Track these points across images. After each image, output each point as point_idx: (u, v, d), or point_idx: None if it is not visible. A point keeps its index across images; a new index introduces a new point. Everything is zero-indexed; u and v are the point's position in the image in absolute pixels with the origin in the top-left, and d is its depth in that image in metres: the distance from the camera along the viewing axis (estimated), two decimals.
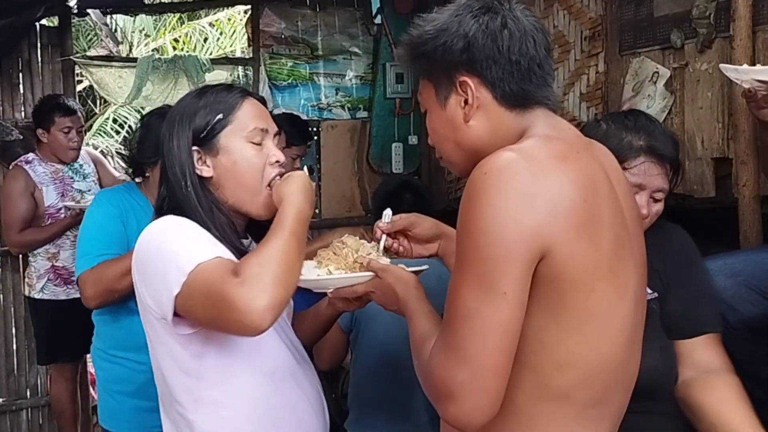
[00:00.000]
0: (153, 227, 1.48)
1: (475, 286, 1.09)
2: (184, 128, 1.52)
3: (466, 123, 1.25)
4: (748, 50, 2.25)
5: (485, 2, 1.25)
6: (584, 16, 3.14)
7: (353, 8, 4.68)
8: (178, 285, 1.34)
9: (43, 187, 3.67)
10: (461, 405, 1.10)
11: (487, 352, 1.09)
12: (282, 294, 1.30)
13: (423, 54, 1.28)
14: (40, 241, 3.67)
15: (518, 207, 1.08)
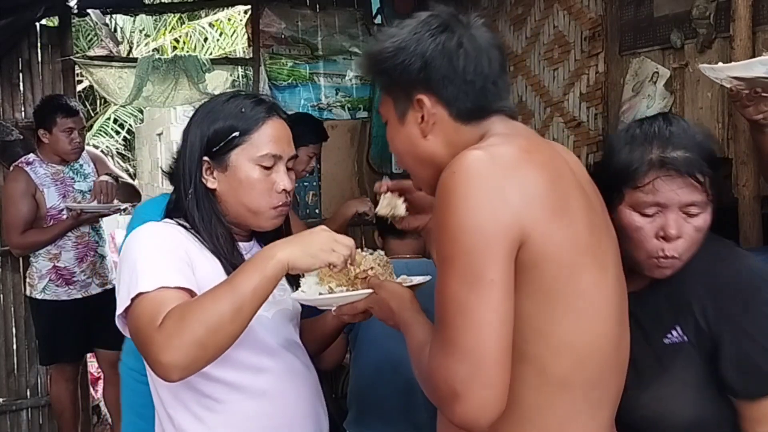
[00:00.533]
0: (139, 232, 1.47)
1: (462, 279, 1.10)
2: (200, 133, 1.51)
3: (423, 138, 1.30)
4: (748, 50, 2.25)
5: (443, 20, 1.29)
6: (584, 16, 3.14)
7: (353, 8, 4.69)
8: (121, 307, 1.38)
9: (45, 189, 3.67)
10: (467, 402, 1.09)
11: (484, 341, 1.09)
12: (200, 355, 1.27)
13: (382, 70, 1.32)
14: (42, 243, 3.67)
15: (491, 198, 1.11)
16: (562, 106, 3.32)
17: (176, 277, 1.37)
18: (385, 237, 2.57)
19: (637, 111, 2.78)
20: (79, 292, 3.72)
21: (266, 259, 1.32)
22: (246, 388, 1.49)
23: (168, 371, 1.27)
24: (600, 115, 3.06)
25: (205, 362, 1.30)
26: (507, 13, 3.76)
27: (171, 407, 1.50)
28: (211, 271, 1.47)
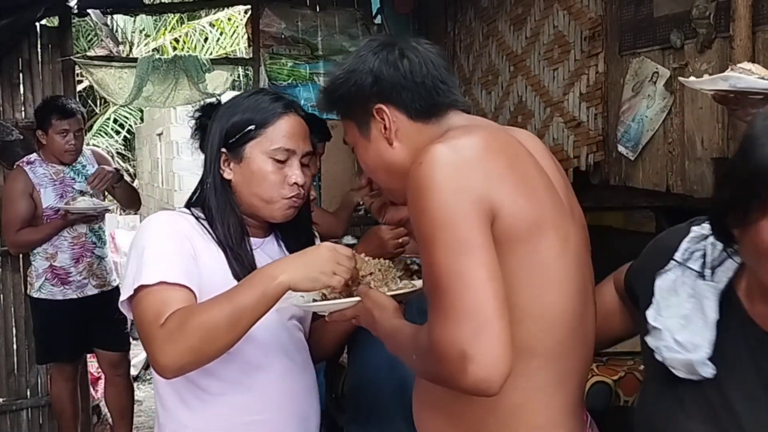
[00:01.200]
0: (152, 219, 1.56)
1: (449, 250, 1.14)
2: (220, 126, 1.58)
3: (390, 146, 1.36)
4: (747, 50, 2.25)
5: (382, 40, 1.40)
6: (584, 16, 3.14)
7: (353, 8, 4.69)
8: (125, 294, 1.47)
9: (41, 189, 3.68)
10: (479, 361, 1.09)
11: (484, 298, 1.11)
12: (194, 360, 1.38)
13: (339, 98, 1.40)
14: (35, 242, 3.69)
15: (459, 178, 1.17)
16: (562, 106, 3.32)
17: (178, 272, 1.44)
18: None
19: (637, 111, 2.78)
20: (75, 293, 3.73)
21: (269, 278, 1.38)
22: (239, 384, 1.54)
23: (162, 370, 1.39)
24: (600, 115, 3.06)
25: (197, 366, 1.41)
26: (507, 13, 3.76)
27: (163, 389, 1.57)
28: (214, 263, 1.52)
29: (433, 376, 1.21)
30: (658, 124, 2.70)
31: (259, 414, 1.55)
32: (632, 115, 2.80)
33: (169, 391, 1.56)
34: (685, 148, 2.59)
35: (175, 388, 1.54)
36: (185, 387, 1.53)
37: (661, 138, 2.71)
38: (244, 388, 1.54)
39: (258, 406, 1.55)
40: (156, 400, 1.62)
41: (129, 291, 1.45)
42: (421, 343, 1.19)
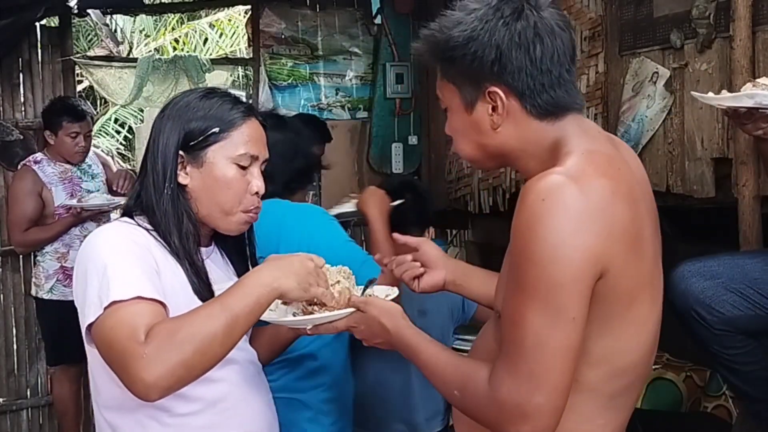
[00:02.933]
0: (102, 234, 1.43)
1: (545, 312, 1.11)
2: (177, 127, 1.46)
3: (493, 130, 1.24)
4: (747, 50, 2.25)
5: (515, 6, 1.21)
6: (584, 16, 3.14)
7: (353, 8, 4.68)
8: (93, 315, 1.30)
9: (52, 188, 3.68)
10: (536, 426, 1.13)
11: (558, 374, 1.12)
12: (184, 376, 1.26)
13: (449, 59, 1.25)
14: (43, 240, 3.68)
15: (580, 232, 1.11)
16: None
17: (150, 287, 1.32)
18: None
19: (637, 111, 2.78)
20: None
21: (263, 286, 1.32)
22: (199, 399, 1.43)
23: (148, 390, 1.24)
24: (600, 115, 3.06)
25: (186, 384, 1.28)
26: None
27: (116, 415, 1.43)
28: (174, 277, 1.42)
29: (477, 417, 1.21)
30: (658, 124, 2.70)
31: (227, 429, 1.47)
32: (632, 115, 2.80)
33: (126, 419, 1.41)
34: (685, 148, 2.59)
35: (132, 412, 1.40)
36: (144, 411, 1.39)
37: (661, 138, 2.71)
38: (209, 403, 1.44)
39: (223, 421, 1.46)
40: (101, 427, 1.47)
41: (98, 311, 1.28)
42: (472, 384, 1.19)
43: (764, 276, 1.88)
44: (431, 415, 2.43)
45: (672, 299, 1.95)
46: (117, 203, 3.77)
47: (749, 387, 1.95)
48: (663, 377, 2.52)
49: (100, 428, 1.48)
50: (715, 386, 2.45)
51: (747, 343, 1.90)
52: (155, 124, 1.51)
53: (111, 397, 1.42)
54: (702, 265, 1.93)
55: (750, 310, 1.86)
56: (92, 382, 1.47)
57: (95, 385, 1.46)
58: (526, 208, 1.13)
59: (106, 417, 1.45)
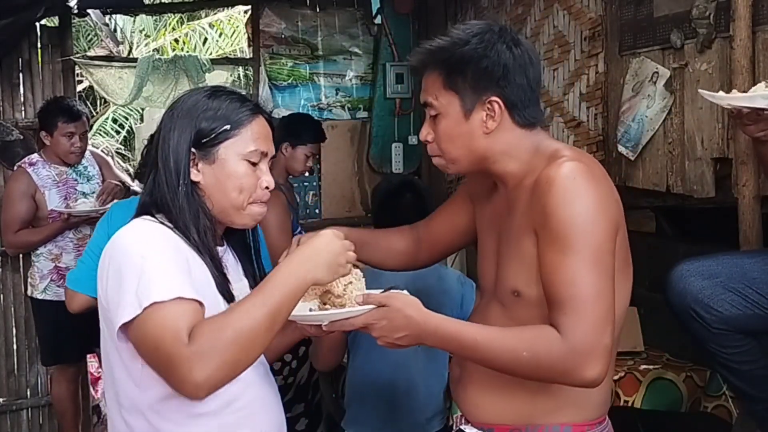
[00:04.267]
0: (135, 232, 1.43)
1: (596, 268, 1.35)
2: (188, 125, 1.48)
3: (484, 135, 1.48)
4: (747, 50, 2.25)
5: (510, 35, 1.48)
6: (584, 16, 3.14)
7: (353, 8, 4.68)
8: (128, 315, 1.30)
9: (46, 191, 3.67)
10: (606, 362, 1.35)
11: (612, 315, 1.37)
12: (230, 374, 1.30)
13: (460, 70, 1.46)
14: (34, 243, 3.68)
15: (606, 202, 1.39)
16: (562, 106, 3.32)
17: (189, 288, 1.34)
18: None
19: (637, 111, 2.78)
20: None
21: (296, 278, 1.36)
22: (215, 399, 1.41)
23: (198, 390, 1.28)
24: (600, 115, 3.06)
25: (230, 381, 1.32)
26: (507, 13, 3.77)
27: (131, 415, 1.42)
28: (202, 274, 1.43)
29: (550, 370, 1.37)
30: (658, 124, 2.70)
31: (241, 429, 1.47)
32: (632, 115, 2.80)
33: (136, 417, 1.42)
34: (685, 148, 2.59)
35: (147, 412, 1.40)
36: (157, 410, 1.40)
37: (661, 138, 2.71)
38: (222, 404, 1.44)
39: (241, 422, 1.47)
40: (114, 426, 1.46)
41: (135, 310, 1.29)
42: (543, 341, 1.36)
43: (763, 276, 1.88)
44: (432, 414, 2.43)
45: (670, 298, 1.95)
46: (104, 209, 3.77)
47: (747, 386, 1.96)
48: (663, 377, 2.52)
49: (113, 427, 1.47)
50: (715, 386, 2.45)
51: (745, 342, 1.91)
52: (164, 123, 1.51)
53: (127, 396, 1.43)
54: (700, 264, 1.93)
55: (748, 309, 1.87)
56: (109, 379, 1.47)
57: (113, 382, 1.45)
58: (561, 189, 1.36)
59: (123, 416, 1.44)
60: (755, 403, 2.01)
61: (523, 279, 1.47)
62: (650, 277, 2.68)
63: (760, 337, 1.94)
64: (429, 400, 2.41)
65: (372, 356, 2.39)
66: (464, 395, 1.61)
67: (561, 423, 1.49)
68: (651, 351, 2.73)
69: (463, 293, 2.42)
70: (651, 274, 2.67)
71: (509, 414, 1.52)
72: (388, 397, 2.39)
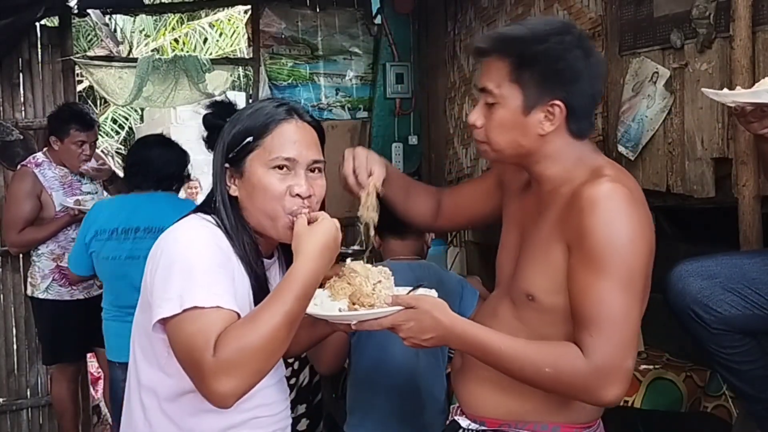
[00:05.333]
0: (192, 231, 1.44)
1: (628, 292, 1.37)
2: (222, 141, 1.50)
3: (537, 134, 1.46)
4: (747, 50, 2.25)
5: (587, 43, 1.48)
6: (584, 16, 3.14)
7: (353, 8, 4.68)
8: (168, 311, 1.33)
9: (53, 192, 3.68)
10: (625, 385, 1.38)
11: (636, 340, 1.40)
12: (255, 381, 1.31)
13: (533, 63, 1.43)
14: (38, 240, 3.69)
15: (645, 227, 1.41)
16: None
17: (230, 298, 1.35)
18: (384, 237, 2.52)
19: (637, 111, 2.78)
20: (82, 293, 3.73)
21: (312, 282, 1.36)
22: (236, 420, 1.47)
23: (226, 400, 1.28)
24: (600, 115, 3.06)
25: (258, 383, 1.33)
26: (507, 13, 3.76)
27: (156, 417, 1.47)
28: (241, 282, 1.45)
29: (572, 387, 1.39)
30: (658, 124, 2.70)
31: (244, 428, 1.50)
32: (632, 115, 2.80)
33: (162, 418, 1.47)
34: (685, 148, 2.59)
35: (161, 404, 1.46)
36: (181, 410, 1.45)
37: (661, 138, 2.71)
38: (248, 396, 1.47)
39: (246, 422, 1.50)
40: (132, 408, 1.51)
41: (175, 308, 1.32)
42: (567, 358, 1.38)
43: (762, 276, 1.88)
44: (435, 417, 2.43)
45: (670, 298, 1.95)
46: None
47: (747, 386, 1.96)
48: (663, 377, 2.52)
49: (128, 403, 1.51)
50: (715, 386, 2.45)
51: (744, 342, 1.90)
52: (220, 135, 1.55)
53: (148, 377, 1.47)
54: (700, 264, 1.93)
55: (748, 309, 1.86)
56: (134, 358, 1.51)
57: (136, 362, 1.50)
58: (602, 210, 1.37)
59: (141, 395, 1.48)
60: (755, 403, 2.00)
61: (541, 285, 1.48)
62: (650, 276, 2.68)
63: (759, 337, 1.93)
64: (431, 403, 2.40)
65: (374, 360, 2.38)
66: (461, 386, 1.63)
67: (549, 422, 1.51)
68: (651, 351, 2.73)
69: (462, 296, 2.41)
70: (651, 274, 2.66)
71: (500, 409, 1.54)
72: (390, 400, 2.38)
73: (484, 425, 1.57)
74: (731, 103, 1.80)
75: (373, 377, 2.39)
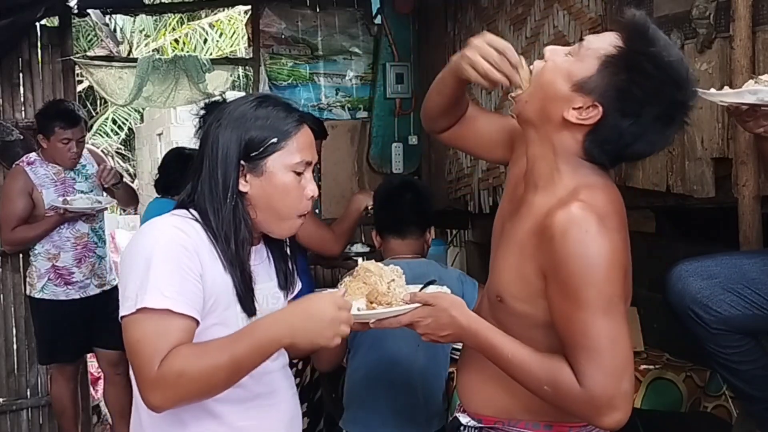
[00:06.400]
0: (159, 228, 1.45)
1: (609, 318, 1.35)
2: (236, 137, 1.49)
3: (561, 114, 1.41)
4: (747, 50, 2.25)
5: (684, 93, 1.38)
6: (584, 16, 3.14)
7: (353, 8, 4.69)
8: (126, 309, 1.38)
9: (43, 189, 3.68)
10: (626, 410, 1.37)
11: (630, 361, 1.38)
12: (182, 404, 1.39)
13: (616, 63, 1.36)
14: (30, 239, 3.69)
15: (617, 254, 1.37)
16: None
17: (184, 301, 1.38)
18: (384, 236, 2.54)
19: None
20: (78, 293, 3.73)
21: (271, 340, 1.37)
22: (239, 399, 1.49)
23: (154, 409, 1.38)
24: None
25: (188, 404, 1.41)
26: (507, 13, 3.76)
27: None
28: (219, 279, 1.46)
29: (568, 410, 1.41)
30: None
31: (251, 420, 1.53)
32: None
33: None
34: (685, 148, 2.59)
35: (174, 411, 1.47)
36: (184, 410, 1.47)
37: None
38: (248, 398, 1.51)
39: (251, 412, 1.53)
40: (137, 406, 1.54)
41: (130, 308, 1.37)
42: (564, 385, 1.38)
43: (762, 276, 1.88)
44: (431, 415, 2.43)
45: (669, 298, 1.95)
46: (102, 207, 3.78)
47: (747, 386, 1.96)
48: (663, 377, 2.52)
49: (136, 409, 1.55)
50: (715, 386, 2.45)
51: (744, 343, 1.90)
52: (210, 132, 1.53)
53: None
54: (699, 264, 1.93)
55: (747, 309, 1.86)
56: None
57: None
58: (573, 242, 1.34)
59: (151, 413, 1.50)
60: (755, 403, 2.00)
61: (511, 291, 1.48)
62: (650, 277, 2.68)
63: (759, 337, 1.93)
64: (428, 400, 2.41)
65: (371, 356, 2.39)
66: (462, 383, 1.65)
67: (542, 421, 1.51)
68: (651, 351, 2.73)
69: (464, 292, 2.42)
70: (651, 274, 2.66)
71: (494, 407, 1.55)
72: (386, 397, 2.39)
73: (481, 422, 1.58)
74: (720, 102, 1.80)
75: (368, 373, 2.40)
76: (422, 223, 2.55)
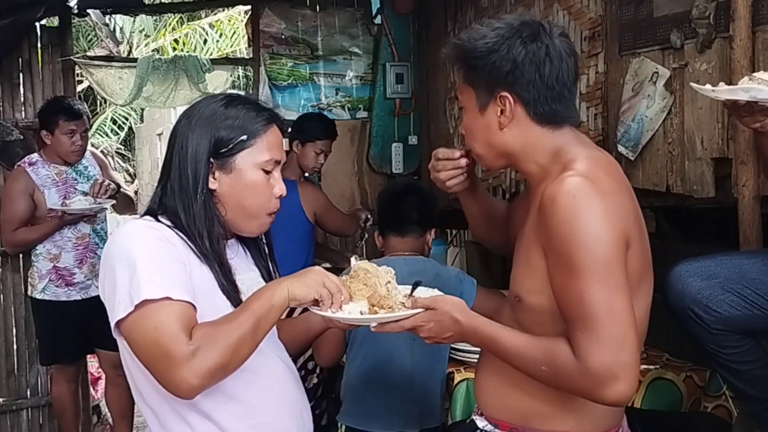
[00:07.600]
0: (133, 230, 1.47)
1: (605, 284, 1.33)
2: (206, 135, 1.51)
3: (499, 130, 1.47)
4: (747, 50, 2.25)
5: (532, 30, 1.44)
6: (584, 16, 3.14)
7: (353, 8, 4.69)
8: (123, 311, 1.37)
9: (45, 190, 3.68)
10: (628, 380, 1.32)
11: (632, 330, 1.33)
12: (220, 375, 1.37)
13: (471, 66, 1.47)
14: (31, 241, 3.69)
15: (610, 215, 1.35)
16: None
17: (179, 288, 1.39)
18: (386, 235, 2.58)
19: (636, 111, 2.78)
20: (79, 294, 3.73)
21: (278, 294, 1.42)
22: (238, 393, 1.49)
23: (192, 390, 1.34)
24: (600, 115, 3.06)
25: (222, 380, 1.40)
26: (507, 13, 3.75)
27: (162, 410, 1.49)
28: (202, 276, 1.48)
29: (570, 388, 1.38)
30: (658, 124, 2.70)
31: (262, 416, 1.53)
32: (632, 115, 2.80)
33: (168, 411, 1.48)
34: (685, 148, 2.59)
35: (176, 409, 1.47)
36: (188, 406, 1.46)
37: (661, 138, 2.71)
38: (243, 395, 1.51)
39: (261, 408, 1.53)
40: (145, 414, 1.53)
41: (128, 307, 1.35)
42: (561, 360, 1.36)
43: (762, 276, 1.88)
44: (427, 409, 2.45)
45: (669, 299, 1.95)
46: (100, 207, 3.78)
47: (747, 386, 1.96)
48: (663, 377, 2.52)
49: (145, 416, 1.54)
50: (715, 386, 2.45)
51: (744, 343, 1.91)
52: (180, 131, 1.54)
53: (144, 386, 1.48)
54: (699, 265, 1.93)
55: (747, 309, 1.87)
56: (127, 372, 1.53)
57: (131, 375, 1.52)
58: (561, 208, 1.34)
59: (148, 404, 1.50)
60: (755, 402, 2.01)
61: (525, 286, 1.49)
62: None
63: (759, 337, 1.94)
64: (424, 394, 2.43)
65: (366, 350, 2.42)
66: (479, 385, 1.65)
67: (560, 429, 1.49)
68: (651, 351, 2.73)
69: (462, 290, 2.44)
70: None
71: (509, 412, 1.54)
72: (380, 390, 2.41)
73: (497, 427, 1.57)
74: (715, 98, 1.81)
75: (364, 367, 2.43)
76: (423, 223, 2.57)
